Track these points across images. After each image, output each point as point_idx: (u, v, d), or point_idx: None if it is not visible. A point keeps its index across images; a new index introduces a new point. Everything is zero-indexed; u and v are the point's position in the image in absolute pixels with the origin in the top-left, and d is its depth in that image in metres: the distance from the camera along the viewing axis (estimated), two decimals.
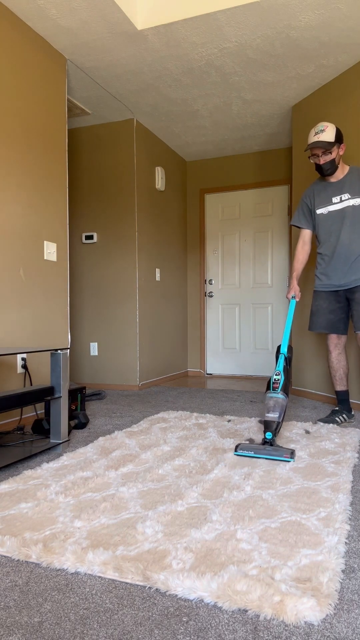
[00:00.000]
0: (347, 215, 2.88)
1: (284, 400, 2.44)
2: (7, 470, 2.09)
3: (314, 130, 2.85)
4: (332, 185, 2.95)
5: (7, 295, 2.90)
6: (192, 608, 1.08)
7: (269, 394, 2.47)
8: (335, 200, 2.92)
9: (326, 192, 2.96)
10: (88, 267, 4.67)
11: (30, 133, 3.09)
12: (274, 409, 2.40)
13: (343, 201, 2.90)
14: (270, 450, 2.21)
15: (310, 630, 1.00)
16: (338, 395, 3.09)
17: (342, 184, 2.91)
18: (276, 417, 2.36)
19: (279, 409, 2.39)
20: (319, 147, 2.80)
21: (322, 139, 2.80)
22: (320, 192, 2.98)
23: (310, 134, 2.86)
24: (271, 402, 2.42)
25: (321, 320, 3.00)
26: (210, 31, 3.10)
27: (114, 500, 1.67)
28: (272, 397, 2.44)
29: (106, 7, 2.87)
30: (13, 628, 1.02)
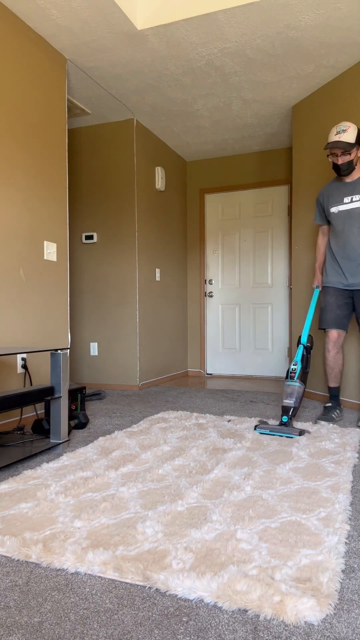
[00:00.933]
0: (355, 216, 2.92)
1: (300, 387, 2.77)
2: (7, 470, 2.09)
3: (335, 129, 2.86)
4: (346, 186, 2.99)
5: (7, 295, 2.90)
6: (192, 608, 1.08)
7: (286, 382, 2.80)
8: (346, 201, 2.96)
9: (339, 192, 3.00)
10: (88, 267, 4.67)
11: (30, 133, 3.09)
12: (290, 395, 2.76)
13: (353, 202, 2.93)
14: (284, 428, 2.58)
15: (310, 630, 1.00)
16: (331, 391, 3.14)
17: (356, 185, 2.94)
18: (292, 402, 2.73)
19: (295, 395, 2.74)
20: (339, 147, 2.82)
21: (342, 139, 2.82)
22: (334, 191, 3.03)
23: (332, 133, 2.89)
24: (288, 390, 2.77)
25: (329, 316, 3.03)
26: (210, 31, 3.10)
27: (114, 500, 1.67)
28: (289, 385, 2.78)
29: (106, 7, 2.87)
30: (13, 628, 1.02)
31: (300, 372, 2.79)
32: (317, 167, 3.88)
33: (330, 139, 2.88)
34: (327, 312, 3.04)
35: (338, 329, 3.03)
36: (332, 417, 2.99)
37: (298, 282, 4.11)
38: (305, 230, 4.02)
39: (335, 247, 3.02)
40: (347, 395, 3.57)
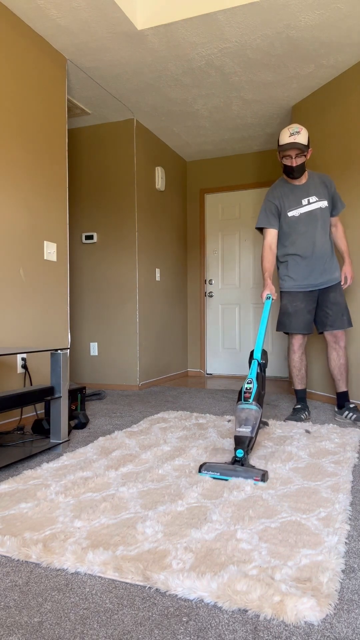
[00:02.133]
0: (318, 217, 2.98)
1: (257, 411, 2.13)
2: (7, 470, 2.09)
3: (288, 131, 2.86)
4: (298, 188, 3.01)
5: (7, 295, 2.90)
6: (192, 608, 1.08)
7: (240, 405, 2.16)
8: (305, 203, 2.99)
9: (294, 195, 3.01)
10: (88, 267, 4.67)
11: (30, 133, 3.09)
12: (245, 422, 2.08)
13: (311, 203, 2.98)
14: (241, 471, 1.91)
15: (310, 630, 1.00)
16: (299, 393, 3.17)
17: (308, 187, 3.00)
18: (248, 431, 2.05)
19: (252, 422, 2.09)
20: (296, 148, 2.83)
21: (298, 141, 2.83)
22: (288, 194, 3.02)
23: (284, 134, 2.87)
24: (242, 415, 2.11)
25: (300, 321, 3.03)
26: (210, 31, 3.10)
27: (114, 500, 1.67)
28: (243, 409, 2.13)
29: (106, 7, 2.87)
30: (13, 628, 1.02)
31: (256, 393, 2.19)
32: (317, 167, 3.88)
33: (284, 141, 2.85)
34: (298, 317, 3.02)
35: (308, 333, 3.07)
36: (300, 418, 3.02)
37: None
38: None
39: (301, 249, 3.00)
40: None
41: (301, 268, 3.02)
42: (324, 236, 2.99)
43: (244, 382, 2.24)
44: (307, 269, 3.01)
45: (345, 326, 3.01)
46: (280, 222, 3.03)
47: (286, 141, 2.85)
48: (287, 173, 2.97)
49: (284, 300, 3.08)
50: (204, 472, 1.96)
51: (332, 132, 3.70)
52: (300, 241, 3.00)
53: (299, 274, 3.03)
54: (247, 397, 2.17)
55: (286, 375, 5.22)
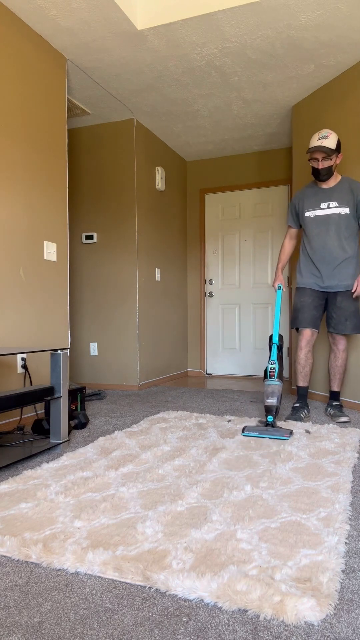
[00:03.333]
0: (332, 222, 3.04)
1: (280, 386, 2.79)
2: (7, 470, 2.09)
3: (317, 135, 2.99)
4: (323, 191, 3.10)
5: (7, 295, 2.90)
6: (192, 608, 1.08)
7: (266, 381, 2.78)
8: (323, 206, 3.08)
9: (316, 197, 3.11)
10: (88, 267, 4.67)
11: (30, 133, 3.09)
12: (272, 394, 2.74)
13: (330, 208, 3.06)
14: (272, 430, 2.54)
15: (310, 630, 1.00)
16: (300, 390, 3.18)
17: (332, 192, 3.07)
18: (274, 402, 2.72)
19: (277, 394, 2.74)
20: (321, 151, 2.94)
21: (325, 145, 2.94)
22: (311, 196, 3.14)
23: (314, 138, 3.00)
24: (269, 389, 2.76)
25: (306, 315, 3.10)
26: (210, 31, 3.10)
27: (114, 500, 1.67)
28: (270, 384, 2.77)
29: (106, 7, 2.87)
30: (13, 628, 1.02)
31: (279, 371, 2.81)
32: None
33: (312, 144, 2.97)
34: (304, 312, 3.09)
35: (313, 328, 3.10)
36: (300, 417, 3.02)
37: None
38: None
39: (312, 250, 3.11)
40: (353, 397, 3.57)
41: (311, 268, 3.13)
42: (337, 241, 3.03)
43: (268, 363, 2.90)
44: (316, 270, 3.11)
45: (348, 332, 3.05)
46: (301, 220, 3.19)
47: (314, 144, 2.97)
48: (314, 175, 3.06)
49: (295, 298, 3.17)
50: (246, 432, 2.58)
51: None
52: (313, 242, 3.11)
53: (308, 272, 3.14)
54: (272, 375, 2.80)
55: (287, 375, 5.22)
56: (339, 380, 3.18)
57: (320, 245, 3.06)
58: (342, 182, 3.08)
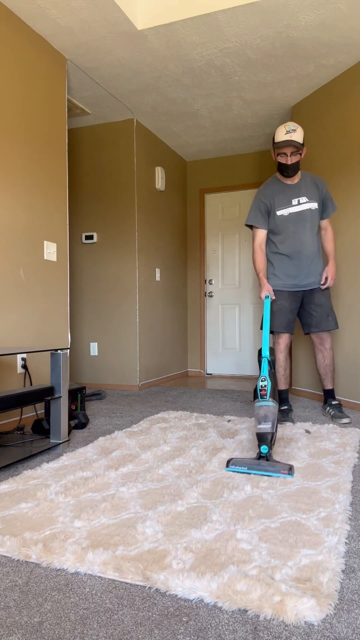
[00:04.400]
0: (307, 218, 2.99)
1: (275, 407, 2.18)
2: (7, 470, 2.09)
3: (284, 128, 2.85)
4: (290, 188, 3.00)
5: (7, 296, 2.90)
6: (192, 608, 1.08)
7: (257, 403, 2.22)
8: (295, 203, 2.98)
9: (285, 194, 3.00)
10: (88, 267, 4.67)
11: (30, 133, 3.09)
12: (265, 419, 2.16)
13: (301, 204, 2.98)
14: (266, 465, 2.00)
15: (310, 630, 1.00)
16: (283, 393, 3.16)
17: (300, 188, 3.00)
18: (269, 427, 2.12)
19: (271, 418, 2.15)
20: (292, 145, 2.82)
21: (294, 139, 2.82)
22: (279, 193, 3.01)
23: (280, 132, 2.86)
24: (261, 412, 2.17)
25: (285, 319, 3.03)
26: (210, 31, 3.10)
27: (114, 500, 1.67)
28: (261, 406, 2.19)
29: (106, 7, 2.87)
30: (13, 628, 1.02)
31: (272, 389, 2.24)
32: (317, 167, 3.88)
33: (280, 138, 2.84)
34: (281, 316, 3.02)
35: (289, 332, 3.06)
36: (292, 419, 2.99)
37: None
38: None
39: (289, 249, 3.00)
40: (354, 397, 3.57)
41: (288, 268, 3.02)
42: (312, 237, 3.01)
43: (258, 380, 2.27)
44: (294, 269, 3.01)
45: (331, 327, 3.03)
46: (271, 220, 3.03)
47: (282, 138, 2.84)
48: (281, 171, 2.96)
49: (277, 302, 3.06)
50: (231, 467, 2.02)
51: (332, 132, 3.71)
52: (288, 241, 3.00)
53: (285, 273, 3.03)
54: (263, 395, 2.22)
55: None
56: (332, 378, 3.16)
57: (297, 243, 2.98)
58: (305, 177, 3.04)
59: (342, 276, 3.61)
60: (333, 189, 3.70)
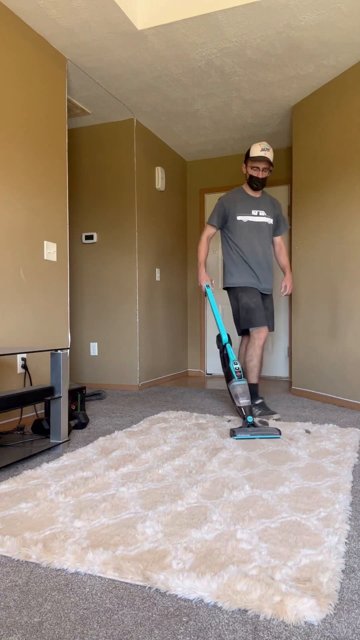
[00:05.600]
0: (263, 230, 3.32)
1: (247, 385, 2.85)
2: (7, 470, 2.09)
3: (259, 146, 3.21)
4: (252, 199, 3.33)
5: (7, 296, 2.90)
6: (192, 608, 1.08)
7: (235, 382, 2.80)
8: (254, 213, 3.31)
9: (247, 203, 3.31)
10: (88, 267, 4.67)
11: (30, 133, 3.09)
12: (244, 394, 2.75)
13: (260, 216, 3.32)
14: (263, 430, 2.54)
15: (310, 630, 1.00)
16: (256, 387, 3.27)
17: (260, 202, 3.34)
18: (248, 401, 2.74)
19: (247, 393, 2.76)
20: (267, 161, 3.20)
21: (268, 157, 3.20)
22: (242, 201, 3.32)
23: (256, 148, 3.21)
24: (240, 389, 2.76)
25: (261, 314, 3.24)
26: (210, 31, 3.10)
27: (114, 500, 1.67)
28: (240, 384, 2.78)
29: (106, 7, 2.87)
30: (13, 628, 1.02)
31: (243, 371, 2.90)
32: (317, 167, 3.88)
33: (257, 153, 3.20)
34: (260, 311, 3.22)
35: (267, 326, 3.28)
36: (273, 412, 3.12)
37: (298, 282, 4.11)
38: (305, 230, 4.02)
39: (248, 253, 3.28)
40: (352, 397, 3.57)
41: (247, 269, 3.29)
42: (267, 247, 3.34)
43: (230, 363, 2.85)
44: (254, 272, 3.29)
45: (271, 329, 3.37)
46: (229, 223, 3.31)
47: (259, 154, 3.20)
48: (252, 183, 3.28)
49: (244, 299, 3.24)
50: (238, 435, 2.52)
51: (332, 132, 3.71)
52: (246, 246, 3.28)
53: (248, 273, 3.29)
54: (239, 376, 2.83)
55: (286, 375, 5.22)
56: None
57: (255, 250, 3.28)
58: (265, 195, 3.39)
59: (343, 276, 3.61)
60: (333, 189, 3.70)
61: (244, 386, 2.77)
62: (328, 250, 3.75)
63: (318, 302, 3.86)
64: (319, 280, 3.85)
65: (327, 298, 3.76)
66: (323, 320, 3.81)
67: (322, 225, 3.81)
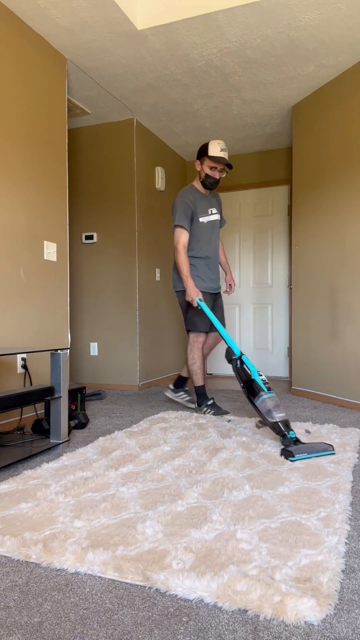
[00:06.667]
0: (216, 227, 3.34)
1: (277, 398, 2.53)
2: (7, 470, 2.09)
3: (218, 146, 3.13)
4: (206, 198, 3.32)
5: (7, 296, 2.90)
6: (192, 608, 1.08)
7: (267, 394, 2.43)
8: (210, 212, 3.30)
9: (203, 203, 3.29)
10: (88, 267, 4.67)
11: (30, 133, 3.09)
12: (278, 408, 2.38)
13: (213, 214, 3.32)
14: (317, 447, 2.24)
15: (310, 630, 1.00)
16: (202, 389, 3.29)
17: (211, 200, 3.34)
18: (284, 415, 2.38)
19: (280, 406, 2.41)
20: (226, 163, 3.13)
21: (226, 158, 3.15)
22: (199, 201, 3.28)
23: (216, 147, 3.13)
24: (273, 402, 2.39)
25: (207, 320, 3.25)
26: (210, 31, 3.10)
27: (114, 500, 1.67)
28: (272, 397, 2.42)
29: (106, 7, 2.87)
30: (13, 628, 1.02)
31: None
32: (317, 167, 3.88)
33: (217, 153, 3.11)
34: (206, 318, 3.22)
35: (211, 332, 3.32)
36: (226, 411, 3.17)
37: (298, 282, 4.11)
38: (305, 231, 4.02)
39: (207, 254, 3.27)
40: (352, 397, 3.57)
41: (207, 272, 3.29)
42: (218, 245, 3.38)
43: (254, 375, 2.53)
44: (211, 273, 3.31)
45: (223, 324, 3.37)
46: (193, 225, 3.24)
47: (220, 154, 3.12)
48: (208, 182, 3.22)
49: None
50: (297, 456, 2.16)
51: (332, 132, 3.71)
52: (206, 247, 3.27)
53: (207, 276, 3.29)
54: (268, 388, 2.47)
55: (286, 375, 5.22)
56: None
57: (211, 249, 3.29)
58: (211, 192, 3.37)
59: (343, 276, 3.61)
60: (333, 189, 3.70)
61: (275, 399, 2.41)
62: (328, 250, 3.75)
63: (318, 302, 3.86)
64: (319, 280, 3.85)
65: (327, 298, 3.76)
66: (323, 320, 3.81)
67: (322, 225, 3.81)
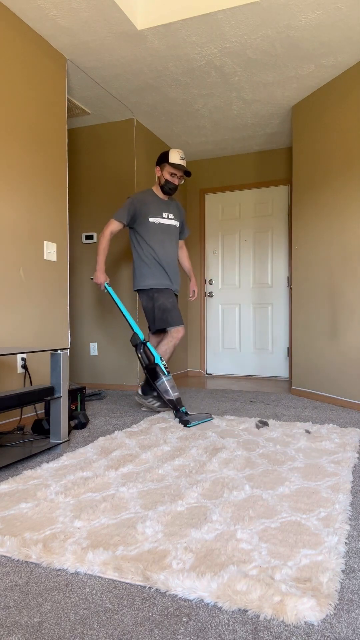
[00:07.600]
0: (172, 232, 3.46)
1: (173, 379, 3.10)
2: (7, 470, 2.09)
3: (178, 154, 3.30)
4: (162, 202, 3.44)
5: (7, 295, 2.90)
6: (192, 608, 1.08)
7: (165, 377, 3.05)
8: (165, 216, 3.43)
9: (158, 206, 3.41)
10: (88, 267, 4.67)
11: (30, 133, 3.09)
12: (174, 388, 3.06)
13: (169, 219, 3.45)
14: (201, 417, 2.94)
15: (310, 631, 1.00)
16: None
17: (168, 205, 3.46)
18: (179, 394, 3.07)
19: (175, 387, 3.05)
20: (185, 170, 3.30)
21: (185, 166, 3.31)
22: (153, 203, 3.40)
23: (176, 155, 3.29)
24: (170, 384, 3.05)
25: (178, 314, 3.36)
26: (210, 31, 3.10)
27: (114, 500, 1.67)
28: (170, 380, 3.06)
29: (106, 7, 2.87)
30: (13, 628, 1.02)
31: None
32: (317, 167, 3.88)
33: (177, 161, 3.29)
34: (176, 311, 3.35)
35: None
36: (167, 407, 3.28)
37: (298, 282, 4.11)
38: (305, 231, 4.02)
39: (160, 254, 3.38)
40: (352, 397, 3.57)
41: (160, 270, 3.38)
42: (175, 249, 3.48)
43: (157, 360, 3.10)
44: (166, 272, 3.39)
45: None
46: (140, 224, 3.36)
47: (179, 162, 3.29)
48: (166, 187, 3.37)
49: (160, 299, 3.33)
50: (192, 423, 2.84)
51: (332, 131, 3.71)
52: (159, 247, 3.38)
53: (162, 274, 3.39)
54: (168, 371, 3.11)
55: (286, 375, 5.22)
56: None
57: (167, 252, 3.40)
58: (171, 199, 3.50)
59: (343, 276, 3.61)
60: (333, 189, 3.70)
61: (171, 381, 3.06)
62: (328, 250, 3.75)
63: (318, 302, 3.86)
64: (319, 280, 3.85)
65: (327, 298, 3.76)
66: (323, 320, 3.81)
67: (322, 225, 3.81)
